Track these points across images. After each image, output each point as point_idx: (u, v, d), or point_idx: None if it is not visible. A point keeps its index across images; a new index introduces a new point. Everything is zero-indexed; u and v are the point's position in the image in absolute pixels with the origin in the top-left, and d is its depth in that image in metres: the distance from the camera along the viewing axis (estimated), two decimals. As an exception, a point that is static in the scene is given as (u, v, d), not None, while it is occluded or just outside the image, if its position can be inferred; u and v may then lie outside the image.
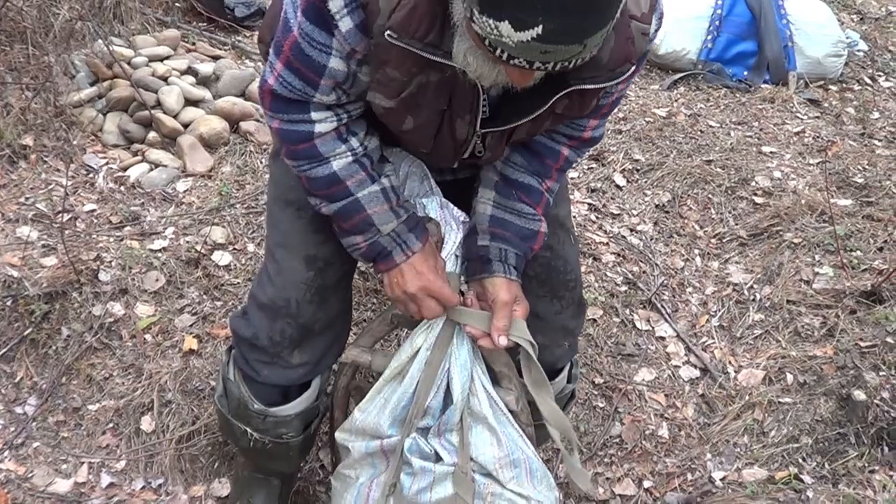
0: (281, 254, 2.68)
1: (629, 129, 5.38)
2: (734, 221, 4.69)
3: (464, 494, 2.58)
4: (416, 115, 2.32)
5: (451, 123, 2.35)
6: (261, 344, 2.69)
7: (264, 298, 2.68)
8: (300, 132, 2.37)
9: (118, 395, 3.46)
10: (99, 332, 3.59)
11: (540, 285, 2.74)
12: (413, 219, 2.50)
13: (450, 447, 2.60)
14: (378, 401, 2.63)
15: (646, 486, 3.48)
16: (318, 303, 2.66)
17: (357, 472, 2.77)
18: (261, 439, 2.84)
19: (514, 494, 2.61)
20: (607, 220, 4.67)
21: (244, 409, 2.81)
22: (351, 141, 2.41)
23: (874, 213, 4.59)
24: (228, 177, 4.46)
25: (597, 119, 2.50)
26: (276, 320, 2.67)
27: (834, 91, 6.23)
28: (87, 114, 4.66)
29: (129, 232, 4.04)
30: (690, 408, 3.76)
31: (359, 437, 2.70)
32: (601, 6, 1.84)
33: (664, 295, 4.28)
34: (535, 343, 2.57)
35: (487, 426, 2.58)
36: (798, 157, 5.25)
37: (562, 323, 2.83)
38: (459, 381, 2.54)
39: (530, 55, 1.89)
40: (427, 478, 2.58)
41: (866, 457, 3.31)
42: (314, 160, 2.40)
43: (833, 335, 3.88)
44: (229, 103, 4.76)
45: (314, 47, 2.20)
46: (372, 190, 2.43)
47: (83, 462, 3.30)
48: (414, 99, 2.26)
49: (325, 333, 2.74)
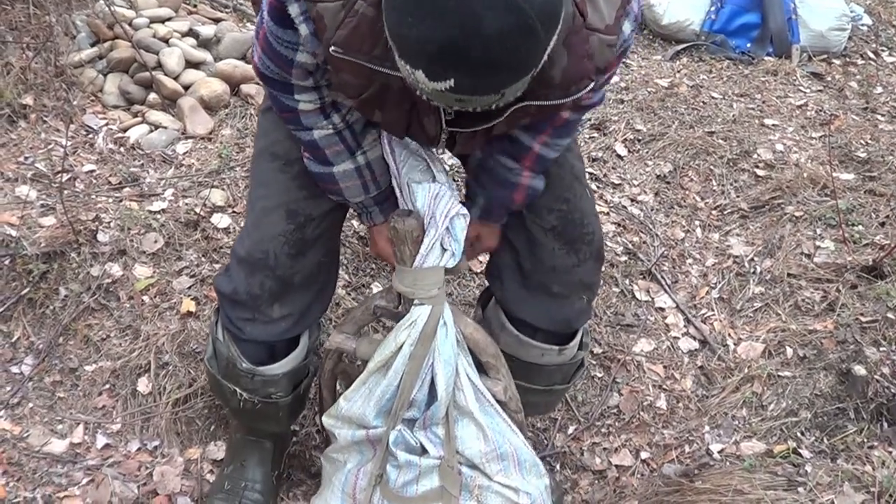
0: (261, 206, 2.70)
1: (631, 99, 5.35)
2: (735, 193, 4.67)
3: (450, 487, 2.59)
4: (383, 111, 2.34)
5: (419, 121, 2.36)
6: (241, 299, 2.70)
7: (243, 252, 2.70)
8: (286, 105, 2.45)
9: (115, 357, 3.45)
10: (97, 292, 3.58)
11: (557, 238, 2.73)
12: (382, 194, 2.62)
13: (436, 440, 2.61)
14: (363, 391, 2.64)
15: (643, 457, 3.48)
16: (296, 255, 2.67)
17: (345, 457, 2.78)
18: (250, 399, 2.85)
19: (501, 486, 2.62)
20: (608, 189, 4.66)
21: (233, 368, 2.81)
22: (333, 117, 2.46)
23: (876, 188, 4.58)
24: (228, 139, 4.44)
25: (590, 94, 2.45)
26: (254, 273, 2.68)
27: (837, 65, 6.20)
28: (87, 74, 4.64)
29: (129, 193, 4.02)
30: (689, 379, 3.75)
31: (345, 424, 2.71)
32: (513, 65, 1.83)
33: (664, 266, 4.27)
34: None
35: (474, 420, 2.59)
36: (800, 130, 5.23)
37: (579, 277, 2.82)
38: (444, 376, 2.53)
39: (447, 101, 1.92)
40: (413, 471, 2.59)
41: (865, 432, 3.31)
42: (298, 127, 2.48)
43: (833, 309, 3.88)
44: (230, 66, 4.73)
45: (281, 44, 2.27)
46: (346, 167, 2.52)
47: (79, 423, 3.30)
48: (376, 100, 2.29)
49: (305, 287, 2.74)
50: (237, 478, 3.11)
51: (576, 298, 2.84)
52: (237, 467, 3.14)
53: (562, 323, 2.84)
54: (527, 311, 2.78)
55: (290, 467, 3.31)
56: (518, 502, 2.63)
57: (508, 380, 2.68)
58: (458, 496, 2.59)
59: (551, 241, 2.72)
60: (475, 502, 2.60)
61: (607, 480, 3.42)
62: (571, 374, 3.03)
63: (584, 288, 2.85)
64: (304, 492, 3.23)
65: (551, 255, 2.73)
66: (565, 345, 2.89)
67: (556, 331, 2.85)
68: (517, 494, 2.62)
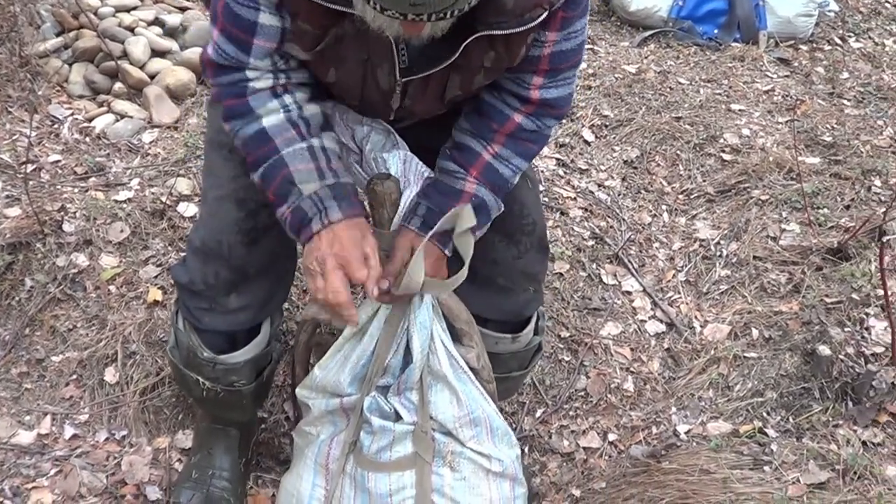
0: (213, 195, 2.68)
1: (598, 85, 5.36)
2: (702, 178, 4.69)
3: (423, 453, 2.58)
4: (338, 66, 2.31)
5: (373, 74, 2.33)
6: (197, 289, 2.69)
7: (197, 242, 2.68)
8: (235, 90, 2.36)
9: (82, 347, 3.44)
10: (63, 283, 3.57)
11: (496, 230, 2.67)
12: (341, 188, 2.39)
13: (409, 406, 2.60)
14: (338, 358, 2.63)
15: (610, 438, 3.49)
16: (249, 244, 2.64)
17: (318, 430, 2.76)
18: (213, 388, 2.85)
19: (474, 453, 2.62)
20: (575, 175, 4.66)
21: (194, 358, 2.81)
22: (285, 98, 2.38)
23: (841, 172, 4.60)
24: (195, 128, 4.43)
25: (541, 77, 2.42)
26: (209, 263, 2.66)
27: (804, 51, 6.22)
28: (52, 64, 4.62)
29: (94, 183, 4.01)
30: (656, 362, 3.77)
31: (319, 394, 2.70)
32: None
33: (631, 250, 4.28)
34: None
35: (447, 385, 2.58)
36: (767, 115, 5.25)
37: (521, 268, 2.80)
38: (419, 339, 2.52)
39: (401, 7, 1.91)
40: (387, 437, 2.58)
41: (830, 411, 3.33)
42: (246, 117, 2.37)
43: (799, 291, 3.90)
44: (196, 54, 4.70)
45: (242, 4, 2.21)
46: (297, 147, 2.37)
47: (46, 413, 3.29)
48: (332, 51, 2.26)
49: (262, 277, 2.72)
50: (205, 466, 3.11)
51: (521, 290, 2.84)
52: (204, 455, 3.13)
53: (511, 313, 2.84)
54: (474, 304, 2.70)
55: (259, 454, 3.31)
56: (490, 469, 2.63)
57: (481, 348, 2.68)
58: (430, 462, 2.58)
59: (491, 233, 2.64)
60: (448, 468, 2.60)
61: (575, 462, 3.43)
62: (529, 360, 3.04)
63: (528, 279, 2.85)
64: (273, 479, 3.22)
65: (492, 247, 2.70)
66: (518, 332, 2.90)
67: (506, 320, 2.86)
68: (489, 461, 2.63)
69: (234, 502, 3.08)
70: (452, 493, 2.60)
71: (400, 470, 2.59)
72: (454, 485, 2.61)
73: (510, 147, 2.51)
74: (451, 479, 2.61)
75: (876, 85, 5.72)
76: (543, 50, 2.34)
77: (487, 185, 2.52)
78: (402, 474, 2.59)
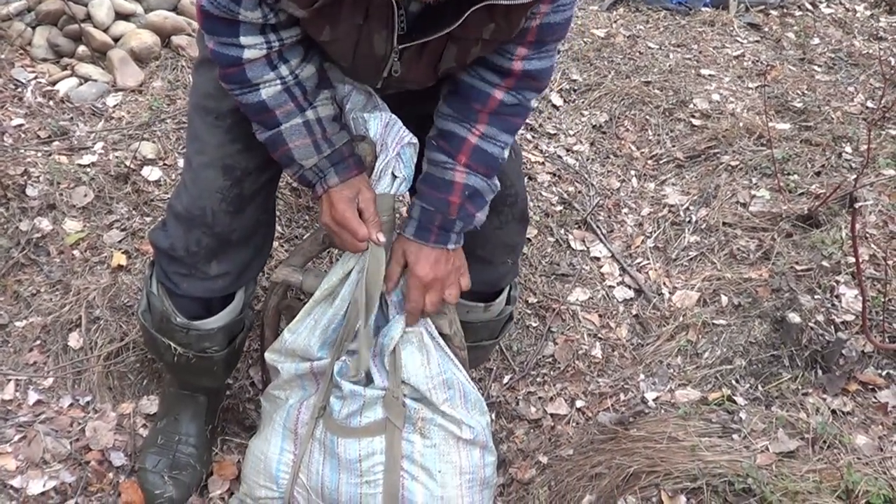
0: (198, 162, 2.64)
1: (567, 49, 5.34)
2: (671, 143, 4.68)
3: (394, 419, 2.58)
4: (334, 26, 2.26)
5: (369, 38, 2.29)
6: (178, 255, 2.67)
7: (180, 208, 2.65)
8: (230, 56, 2.32)
9: (45, 312, 3.40)
10: (26, 247, 3.52)
11: None
12: (337, 154, 2.47)
13: (381, 370, 2.59)
14: (308, 322, 2.62)
15: (578, 405, 3.49)
16: (234, 212, 2.63)
17: (287, 394, 2.76)
18: (185, 354, 2.83)
19: (445, 419, 2.61)
20: (543, 139, 4.65)
21: (167, 323, 2.78)
22: (281, 68, 2.36)
23: (812, 138, 4.60)
24: (159, 91, 4.38)
25: (525, 48, 2.38)
26: (192, 230, 2.64)
27: (774, 16, 6.22)
28: (15, 27, 4.55)
29: (58, 147, 3.96)
30: (624, 328, 3.76)
31: (288, 358, 2.69)
32: None
33: (599, 215, 4.27)
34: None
35: (419, 348, 2.58)
36: (737, 80, 5.24)
37: (502, 239, 2.81)
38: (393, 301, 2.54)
39: None
40: (357, 402, 2.58)
41: (800, 379, 3.33)
42: (244, 86, 2.37)
43: (769, 258, 3.89)
44: (161, 17, 4.66)
45: None
46: (294, 122, 2.40)
47: (10, 379, 3.25)
48: (329, 10, 2.21)
49: (243, 245, 2.71)
50: (171, 432, 3.09)
51: (499, 262, 2.84)
52: (170, 421, 3.11)
53: (487, 283, 2.83)
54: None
55: (225, 421, 3.29)
56: (460, 436, 2.63)
57: (453, 314, 2.67)
58: (401, 428, 2.58)
59: None
60: (418, 435, 2.60)
61: (543, 429, 3.43)
62: (499, 329, 3.04)
63: (507, 250, 2.85)
64: (239, 444, 3.21)
65: None
66: (491, 301, 2.90)
67: (481, 290, 2.85)
68: (460, 428, 2.62)
69: (199, 468, 3.07)
70: (422, 459, 2.60)
71: (370, 436, 2.59)
72: (424, 452, 2.61)
73: (495, 125, 2.50)
74: (422, 446, 2.61)
75: (847, 51, 5.73)
76: (533, 21, 2.31)
77: (479, 170, 2.51)
78: (371, 440, 2.59)
